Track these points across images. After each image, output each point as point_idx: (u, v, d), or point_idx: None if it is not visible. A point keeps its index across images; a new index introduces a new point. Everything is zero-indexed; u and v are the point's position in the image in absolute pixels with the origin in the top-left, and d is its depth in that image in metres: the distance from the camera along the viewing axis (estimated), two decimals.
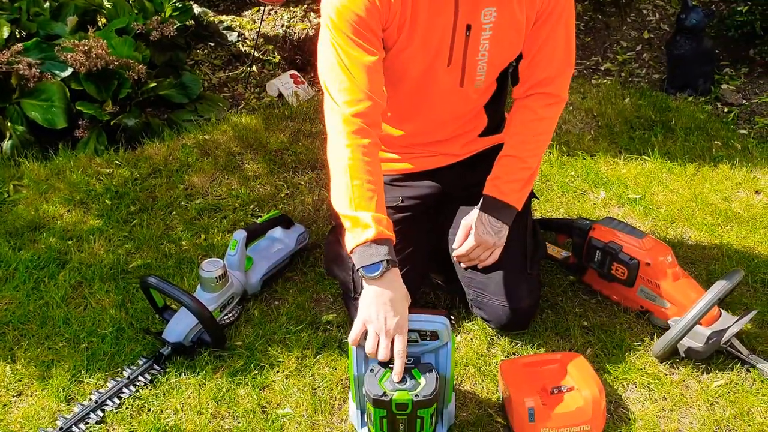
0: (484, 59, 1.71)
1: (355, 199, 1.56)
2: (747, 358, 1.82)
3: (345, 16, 1.57)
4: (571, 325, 1.95)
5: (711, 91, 3.29)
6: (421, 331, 1.53)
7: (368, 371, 1.51)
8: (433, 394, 1.47)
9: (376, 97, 1.61)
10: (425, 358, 1.56)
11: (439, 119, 1.85)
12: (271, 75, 3.54)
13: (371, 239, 1.53)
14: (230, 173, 2.62)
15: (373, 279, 1.53)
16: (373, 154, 1.61)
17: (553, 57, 1.76)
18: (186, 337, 1.87)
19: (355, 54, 1.59)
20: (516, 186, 1.80)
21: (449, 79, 1.74)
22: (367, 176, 1.57)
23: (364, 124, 1.59)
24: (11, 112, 2.82)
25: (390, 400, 1.46)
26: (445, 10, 1.62)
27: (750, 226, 2.32)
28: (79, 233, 2.33)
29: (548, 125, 1.84)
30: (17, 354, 1.90)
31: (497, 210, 1.80)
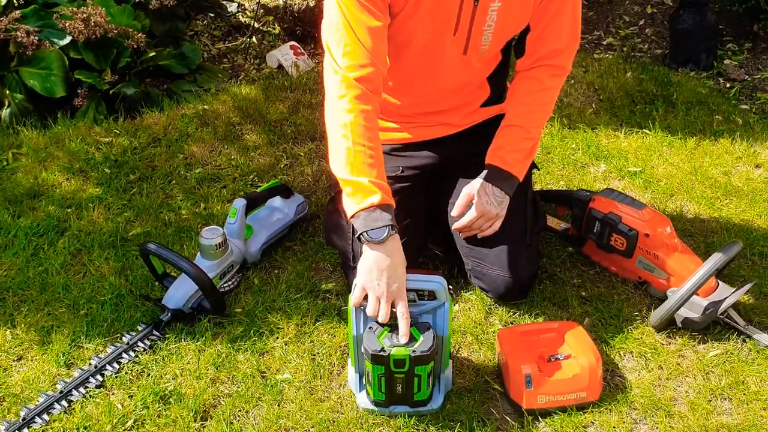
0: (490, 29, 1.70)
1: (357, 164, 1.56)
2: (743, 329, 1.83)
3: None
4: (569, 296, 1.96)
5: (713, 66, 3.27)
6: (419, 290, 1.55)
7: (367, 329, 1.53)
8: (431, 350, 1.49)
9: (379, 63, 1.61)
10: (423, 318, 1.57)
11: (442, 88, 1.84)
12: (270, 46, 3.52)
13: (376, 204, 1.54)
14: (230, 143, 2.61)
15: (376, 244, 1.53)
16: (373, 120, 1.61)
17: (561, 31, 1.76)
18: (185, 303, 1.88)
19: (362, 17, 1.58)
20: (519, 156, 1.80)
21: (454, 47, 1.73)
22: (368, 142, 1.57)
23: (367, 89, 1.59)
24: (10, 80, 2.80)
25: (388, 356, 1.48)
26: None
27: (749, 199, 2.32)
28: (79, 201, 2.33)
29: (552, 95, 1.85)
30: (17, 319, 1.91)
31: (501, 180, 1.79)
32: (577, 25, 1.78)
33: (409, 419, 1.60)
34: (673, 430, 1.59)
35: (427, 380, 1.55)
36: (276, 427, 1.61)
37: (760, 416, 1.63)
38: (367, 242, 1.55)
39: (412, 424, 1.59)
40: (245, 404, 1.67)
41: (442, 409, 1.64)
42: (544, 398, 1.63)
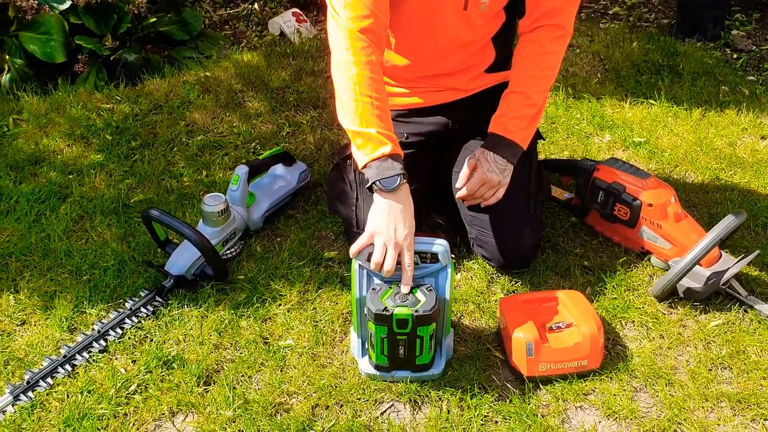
0: None
1: (366, 116, 1.57)
2: (745, 299, 1.83)
3: None
4: (572, 265, 1.96)
5: (721, 37, 3.23)
6: (422, 253, 1.56)
7: (370, 290, 1.54)
8: (433, 310, 1.50)
9: (380, 13, 1.61)
10: (425, 281, 1.58)
11: (445, 46, 1.82)
12: (273, 13, 3.48)
13: (388, 154, 1.56)
14: (231, 111, 2.59)
15: (389, 192, 1.55)
16: (378, 71, 1.61)
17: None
18: (188, 269, 1.88)
19: None
20: (522, 123, 1.79)
21: (454, 1, 1.72)
22: (374, 93, 1.58)
23: (370, 41, 1.59)
24: (9, 45, 2.78)
25: (391, 315, 1.48)
26: None
27: (754, 171, 2.31)
28: (80, 167, 2.32)
29: (555, 60, 1.81)
30: (20, 284, 1.91)
31: (503, 148, 1.78)
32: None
33: (410, 385, 1.61)
34: (673, 398, 1.60)
35: (429, 343, 1.56)
36: (278, 392, 1.62)
37: (760, 385, 1.63)
38: (379, 191, 1.57)
39: (413, 390, 1.60)
40: (248, 370, 1.68)
41: (444, 375, 1.64)
42: (545, 366, 1.64)
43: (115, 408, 1.58)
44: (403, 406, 1.60)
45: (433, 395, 1.61)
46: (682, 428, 1.54)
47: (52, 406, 1.58)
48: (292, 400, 1.61)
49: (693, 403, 1.59)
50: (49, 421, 1.55)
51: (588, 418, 1.58)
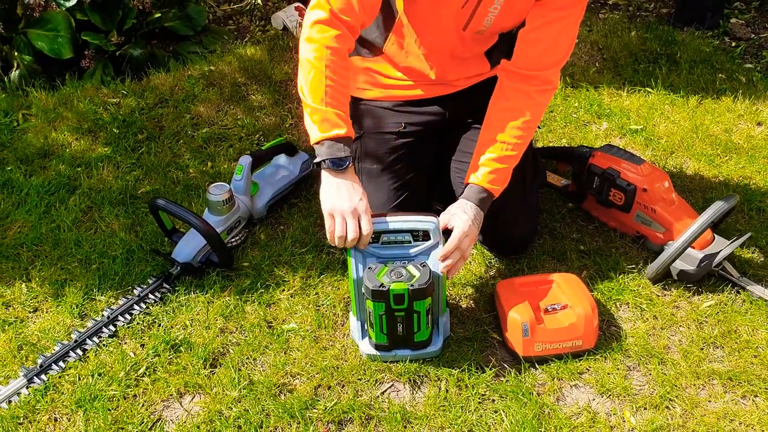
0: (495, 12, 1.70)
1: (328, 95, 1.60)
2: (737, 281, 1.87)
3: None
4: (568, 250, 2.01)
5: (720, 25, 3.25)
6: (414, 231, 1.61)
7: (366, 269, 1.59)
8: (428, 284, 1.56)
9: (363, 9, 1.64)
10: (419, 258, 1.63)
11: (440, 54, 1.85)
12: (275, 8, 3.52)
13: (342, 136, 1.61)
14: (235, 103, 2.64)
15: (337, 172, 1.61)
16: (343, 57, 1.64)
17: (558, 45, 1.72)
18: (195, 257, 1.93)
19: None
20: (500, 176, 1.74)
21: (457, 19, 1.74)
22: (335, 75, 1.61)
23: (341, 29, 1.62)
24: (18, 42, 2.83)
25: (388, 290, 1.54)
26: None
27: (749, 156, 2.34)
28: (88, 160, 2.38)
29: (538, 113, 1.78)
30: (32, 273, 1.97)
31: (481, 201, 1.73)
32: (569, 42, 1.75)
33: (410, 365, 1.66)
34: (665, 376, 1.65)
35: (426, 318, 1.61)
36: (282, 373, 1.67)
37: (751, 363, 1.68)
38: (327, 169, 1.62)
39: (413, 370, 1.65)
40: (253, 352, 1.74)
41: (442, 354, 1.69)
42: (540, 346, 1.68)
43: (125, 390, 1.64)
44: (403, 385, 1.65)
45: (432, 375, 1.66)
46: (674, 405, 1.59)
47: (64, 388, 1.64)
48: (295, 381, 1.66)
49: (685, 381, 1.64)
50: (61, 402, 1.61)
51: (582, 396, 1.62)
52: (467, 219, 1.67)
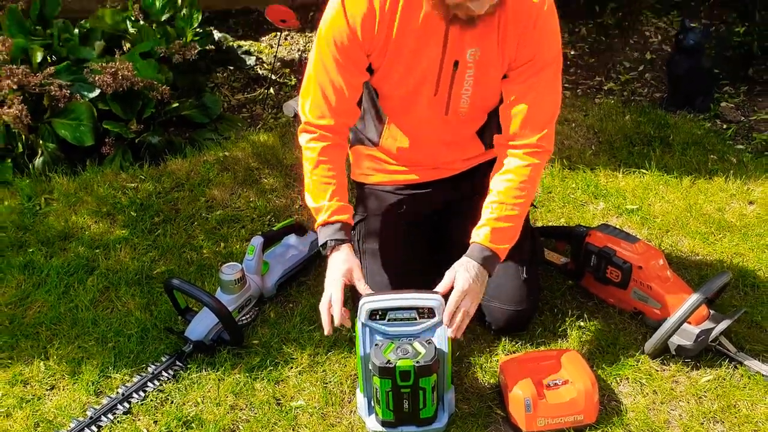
0: (468, 93, 1.83)
1: (313, 192, 1.86)
2: (735, 356, 1.92)
3: (329, 39, 1.75)
4: (569, 326, 2.07)
5: (710, 109, 3.40)
6: (419, 308, 1.68)
7: (373, 346, 1.66)
8: (433, 361, 1.61)
9: (341, 115, 1.84)
10: (424, 335, 1.69)
11: (432, 141, 1.98)
12: (287, 96, 3.70)
13: (321, 223, 1.84)
14: (248, 187, 2.77)
15: (326, 255, 1.84)
16: (330, 154, 1.85)
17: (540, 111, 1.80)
18: (207, 335, 2.00)
19: (331, 74, 1.78)
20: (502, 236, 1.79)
21: (435, 107, 1.87)
22: (324, 172, 1.84)
23: (325, 134, 1.83)
24: (43, 131, 2.99)
25: (394, 367, 1.60)
26: (433, 45, 1.75)
27: (742, 234, 2.43)
28: (106, 242, 2.48)
29: (534, 178, 1.83)
30: (50, 351, 2.04)
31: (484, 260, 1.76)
32: (557, 105, 1.85)
33: None
34: None
35: (431, 395, 1.66)
36: None
37: None
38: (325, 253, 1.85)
39: None
40: (262, 429, 1.78)
41: (447, 430, 1.73)
42: (543, 421, 1.73)
43: None
44: None
45: None
46: None
47: None
48: None
49: None
50: None
51: None
52: (468, 277, 1.72)
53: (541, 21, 1.72)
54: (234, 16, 4.56)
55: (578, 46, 4.06)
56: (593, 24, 4.18)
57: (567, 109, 3.34)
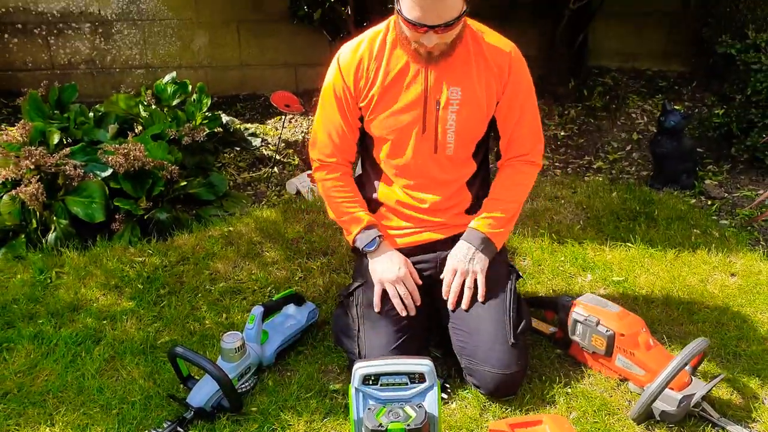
0: (452, 129, 2.09)
1: (341, 210, 2.23)
2: (717, 421, 1.98)
3: (329, 92, 2.16)
4: (557, 393, 2.14)
5: (694, 186, 3.55)
6: (410, 374, 1.76)
7: (366, 410, 1.73)
8: (423, 424, 1.68)
9: (343, 155, 2.23)
10: (414, 399, 1.77)
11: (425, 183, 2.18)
12: (290, 175, 3.88)
13: (363, 227, 2.17)
14: (251, 260, 2.89)
15: (373, 252, 2.17)
16: (343, 180, 2.24)
17: (525, 136, 2.18)
18: (207, 402, 2.08)
19: (334, 119, 2.17)
20: (494, 222, 2.15)
21: (425, 145, 2.12)
22: (344, 194, 2.23)
23: (334, 167, 2.23)
24: (56, 208, 3.14)
25: (386, 430, 1.66)
26: (416, 86, 2.06)
27: (724, 305, 2.52)
28: (113, 313, 2.58)
29: (525, 178, 2.22)
30: (56, 418, 2.11)
31: (473, 238, 2.15)
32: (538, 128, 2.22)
33: None
34: None
35: None
36: None
37: None
38: (368, 254, 2.17)
39: None
40: None
41: None
42: None
43: None
44: None
45: None
46: None
47: None
48: None
49: None
50: None
51: None
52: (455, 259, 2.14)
53: (515, 64, 2.10)
54: (242, 101, 4.83)
55: (568, 127, 4.26)
56: (582, 107, 4.40)
57: (557, 187, 3.50)
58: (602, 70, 4.78)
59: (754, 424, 2.01)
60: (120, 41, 4.72)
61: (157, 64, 4.77)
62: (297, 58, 4.76)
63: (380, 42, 2.09)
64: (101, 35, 4.69)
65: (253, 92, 4.88)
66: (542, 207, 3.27)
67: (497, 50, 2.08)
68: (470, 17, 2.05)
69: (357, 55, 2.09)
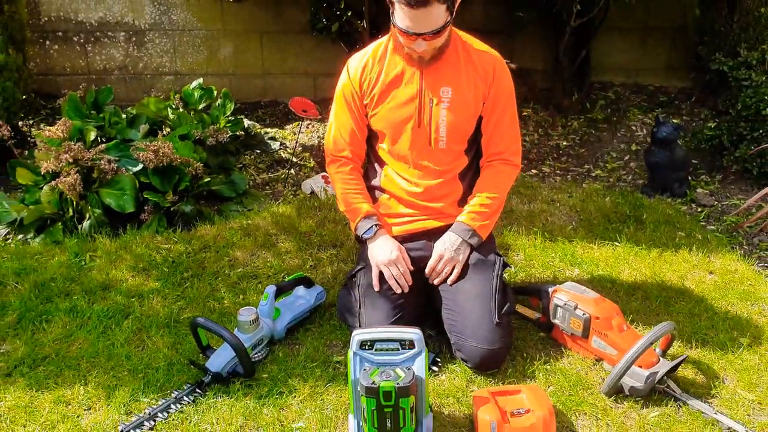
0: (444, 124, 2.36)
1: (347, 200, 2.49)
2: (679, 396, 2.20)
3: (339, 92, 2.47)
4: (537, 369, 2.37)
5: (686, 194, 3.76)
6: (401, 341, 2.00)
7: (362, 370, 1.96)
8: (411, 383, 1.91)
9: (353, 148, 2.52)
10: (405, 363, 2.00)
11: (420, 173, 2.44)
12: (306, 176, 4.14)
13: (362, 216, 2.43)
14: (266, 249, 3.15)
15: (371, 239, 2.42)
16: (353, 173, 2.52)
17: (504, 136, 2.43)
18: (224, 368, 2.33)
19: (344, 118, 2.47)
20: (477, 216, 2.40)
21: (421, 138, 2.39)
22: (352, 186, 2.49)
23: (346, 160, 2.52)
24: (91, 199, 3.43)
25: (378, 387, 1.90)
26: (412, 86, 2.34)
27: (699, 298, 2.74)
28: (141, 292, 2.86)
29: (505, 177, 2.46)
30: (89, 379, 2.38)
31: (460, 230, 2.40)
32: (516, 130, 2.47)
33: None
34: None
35: (410, 415, 1.95)
36: None
37: None
38: (367, 240, 2.43)
39: None
40: None
41: None
42: None
43: None
44: None
45: None
46: None
47: None
48: None
49: None
50: None
51: None
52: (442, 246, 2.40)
53: (498, 68, 2.37)
54: (263, 107, 5.12)
55: (570, 137, 4.49)
56: (584, 118, 4.63)
57: (554, 191, 3.73)
58: (606, 84, 5.01)
59: (712, 400, 2.22)
60: (152, 49, 5.04)
61: (186, 71, 5.09)
62: (316, 67, 5.04)
63: (382, 50, 2.40)
64: (135, 43, 5.02)
65: (274, 99, 5.17)
66: (538, 209, 3.50)
67: (484, 56, 2.37)
68: (482, 33, 2.37)
69: (362, 61, 2.41)
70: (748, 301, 2.73)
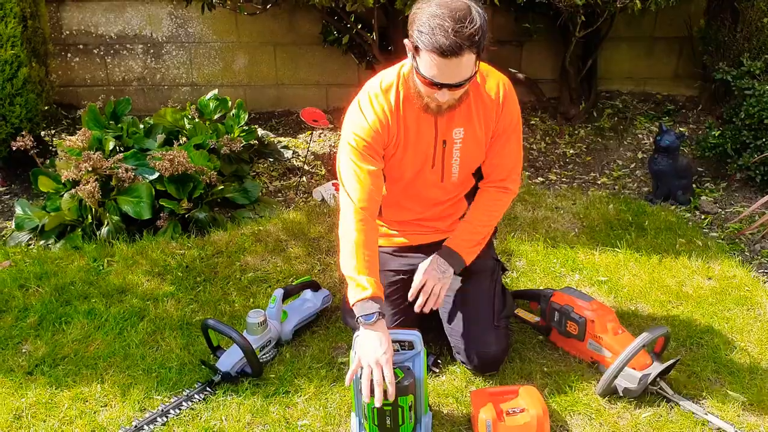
0: (457, 163, 2.35)
1: (358, 266, 2.12)
2: (671, 397, 2.27)
3: (359, 141, 2.21)
4: (534, 371, 2.45)
5: (690, 202, 3.81)
6: (401, 342, 2.09)
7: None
8: (409, 383, 2.00)
9: (376, 197, 2.24)
10: (404, 364, 2.09)
11: (428, 203, 2.47)
12: (317, 184, 4.25)
13: (368, 297, 2.08)
14: (277, 254, 3.26)
15: (369, 325, 2.06)
16: (370, 234, 2.19)
17: (505, 164, 2.39)
18: (233, 368, 2.44)
19: (364, 166, 2.20)
20: (466, 243, 2.39)
21: (433, 176, 2.38)
22: (367, 250, 2.14)
23: (367, 214, 2.20)
24: (109, 206, 3.57)
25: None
26: (427, 131, 2.28)
27: (696, 303, 2.80)
28: (156, 296, 2.97)
29: (501, 206, 2.45)
30: (105, 378, 2.50)
31: (448, 256, 2.36)
32: (519, 159, 2.42)
33: None
34: None
35: (409, 413, 2.04)
36: None
37: None
38: (362, 324, 2.06)
39: None
40: None
41: None
42: None
43: None
44: None
45: None
46: None
47: None
48: None
49: None
50: None
51: None
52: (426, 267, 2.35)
53: (505, 95, 2.29)
54: (276, 117, 5.24)
55: (577, 146, 4.56)
56: (591, 127, 4.70)
57: (558, 198, 3.81)
58: (613, 93, 5.07)
59: (703, 401, 2.29)
60: (169, 61, 5.19)
61: (201, 82, 5.23)
62: (328, 78, 5.16)
63: (395, 97, 2.23)
64: (152, 56, 5.17)
65: (287, 109, 5.30)
66: (542, 216, 3.58)
67: (491, 85, 2.28)
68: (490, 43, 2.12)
69: (378, 117, 2.22)
70: (745, 306, 2.79)
